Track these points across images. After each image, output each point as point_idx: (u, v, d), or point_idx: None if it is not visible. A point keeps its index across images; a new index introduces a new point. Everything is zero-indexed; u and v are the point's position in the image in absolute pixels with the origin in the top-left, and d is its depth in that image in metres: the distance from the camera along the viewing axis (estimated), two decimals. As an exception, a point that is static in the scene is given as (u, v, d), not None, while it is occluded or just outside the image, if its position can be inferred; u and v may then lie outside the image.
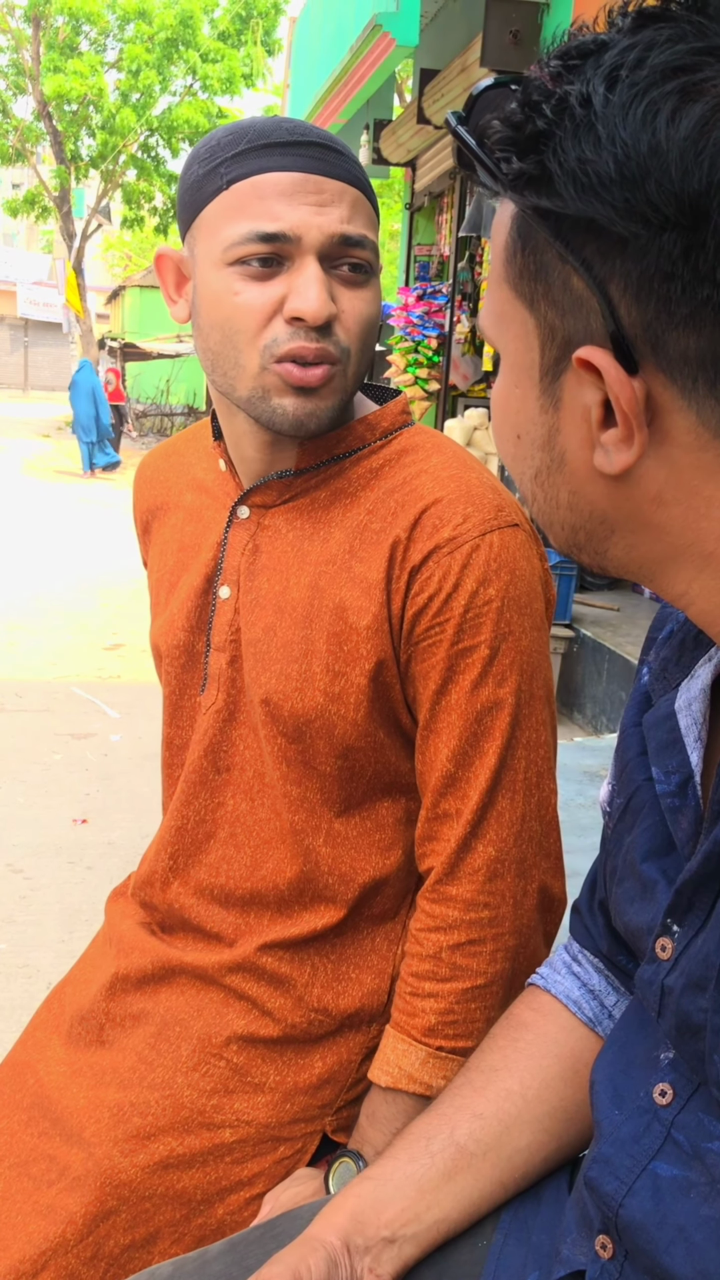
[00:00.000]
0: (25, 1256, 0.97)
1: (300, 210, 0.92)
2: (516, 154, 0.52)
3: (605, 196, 0.49)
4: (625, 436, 0.54)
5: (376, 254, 0.98)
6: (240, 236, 0.92)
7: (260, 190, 0.92)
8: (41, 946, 2.57)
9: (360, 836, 1.06)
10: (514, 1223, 0.78)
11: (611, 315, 0.52)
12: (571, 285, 0.53)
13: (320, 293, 0.92)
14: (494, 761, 0.98)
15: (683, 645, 0.73)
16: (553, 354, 0.56)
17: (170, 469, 1.19)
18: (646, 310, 0.51)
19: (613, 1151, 0.67)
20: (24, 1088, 1.09)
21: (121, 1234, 0.98)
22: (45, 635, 5.69)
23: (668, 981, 0.64)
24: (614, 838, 0.76)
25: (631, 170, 0.48)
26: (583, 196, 0.50)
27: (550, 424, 0.58)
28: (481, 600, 0.96)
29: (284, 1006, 1.06)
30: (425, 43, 6.29)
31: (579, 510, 0.59)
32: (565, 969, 0.87)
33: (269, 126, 0.95)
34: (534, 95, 0.52)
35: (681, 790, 0.67)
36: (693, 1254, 0.61)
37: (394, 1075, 0.98)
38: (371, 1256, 0.75)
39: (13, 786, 3.56)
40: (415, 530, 0.98)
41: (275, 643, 1.03)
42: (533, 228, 0.54)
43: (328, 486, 1.03)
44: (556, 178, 0.50)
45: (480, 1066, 0.84)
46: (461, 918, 0.99)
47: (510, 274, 0.57)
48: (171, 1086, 1.04)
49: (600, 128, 0.49)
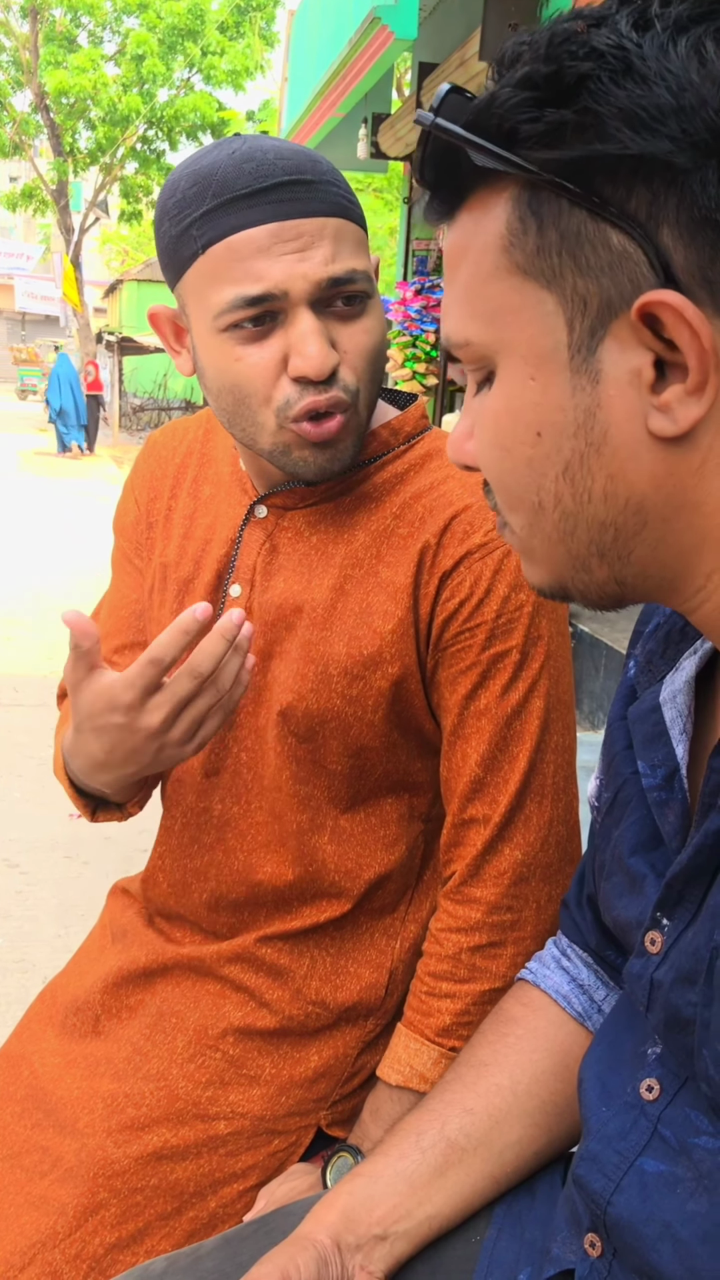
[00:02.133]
0: (16, 1249, 0.97)
1: (282, 263, 0.88)
2: (553, 105, 0.50)
3: (661, 130, 0.49)
4: (697, 385, 0.52)
5: (370, 277, 0.94)
6: (227, 304, 0.89)
7: (236, 252, 0.88)
8: (38, 941, 2.57)
9: (365, 833, 1.06)
10: (508, 1217, 0.78)
11: (663, 264, 0.50)
12: (610, 243, 0.52)
13: (319, 346, 0.89)
14: (524, 766, 0.97)
15: (668, 638, 0.73)
16: (587, 325, 0.53)
17: (186, 454, 1.15)
18: (702, 253, 0.50)
19: (600, 1148, 0.67)
20: (18, 1079, 1.08)
21: (108, 1231, 0.98)
22: (42, 630, 5.68)
23: (657, 975, 0.64)
24: (602, 832, 0.76)
25: (689, 99, 0.48)
26: (641, 134, 0.49)
27: (586, 404, 0.55)
28: (514, 605, 0.96)
29: (282, 998, 1.06)
30: (424, 36, 6.27)
31: (614, 500, 0.56)
32: (554, 963, 0.87)
33: (231, 173, 0.88)
34: (560, 48, 0.50)
35: (668, 783, 0.66)
36: (679, 1251, 0.61)
37: (404, 1074, 0.98)
38: (363, 1254, 0.75)
39: (9, 781, 3.56)
40: (445, 536, 0.97)
41: (294, 642, 1.01)
42: (544, 199, 0.53)
43: (352, 492, 1.02)
44: (607, 120, 0.50)
45: (470, 1061, 0.84)
46: (484, 920, 0.98)
47: (517, 260, 0.55)
48: (166, 1078, 1.04)
49: (643, 66, 0.49)
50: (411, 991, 1.02)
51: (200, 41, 18.83)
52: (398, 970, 1.09)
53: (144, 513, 1.16)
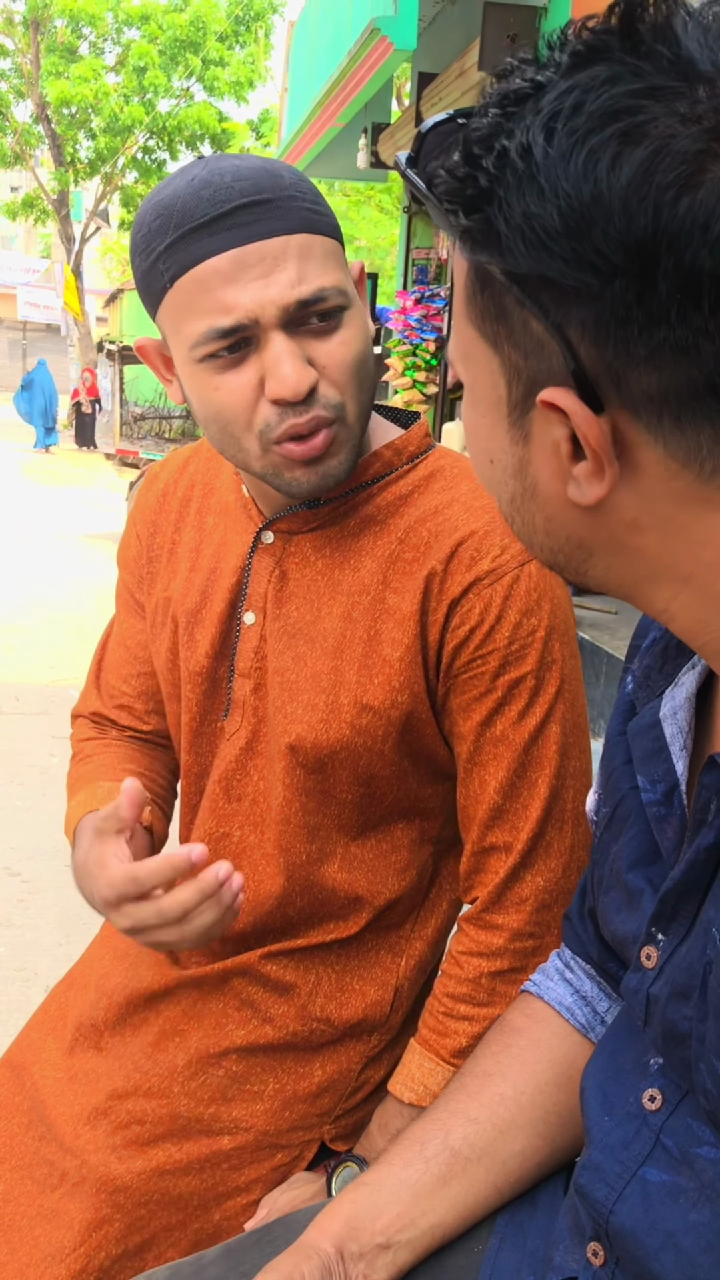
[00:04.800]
0: (30, 1261, 0.97)
1: (250, 291, 0.86)
2: (463, 210, 0.51)
3: (553, 249, 0.48)
4: (596, 470, 0.54)
5: (344, 289, 0.91)
6: (199, 336, 0.89)
7: (202, 283, 0.87)
8: (39, 950, 2.57)
9: (376, 859, 1.05)
10: (509, 1227, 0.78)
11: (572, 358, 0.51)
12: (531, 328, 0.53)
13: (293, 367, 0.88)
14: (545, 793, 0.97)
15: (665, 653, 0.73)
16: (519, 392, 0.56)
17: (189, 485, 1.14)
18: (606, 352, 0.50)
19: (602, 1158, 0.67)
20: (21, 1090, 1.08)
21: (113, 1245, 0.98)
22: (43, 638, 5.68)
23: (653, 990, 0.64)
24: (600, 846, 0.76)
25: (576, 221, 0.47)
26: (531, 252, 0.49)
27: (521, 456, 0.57)
28: (526, 630, 0.95)
29: (286, 1014, 1.06)
30: (423, 46, 6.29)
31: (555, 535, 0.59)
32: (558, 975, 0.87)
33: (190, 202, 0.87)
34: (474, 149, 0.50)
35: (667, 799, 0.67)
36: (682, 1260, 0.61)
37: (418, 1093, 0.98)
38: (366, 1263, 0.75)
39: (10, 789, 3.56)
40: (452, 563, 0.96)
41: (304, 673, 1.01)
42: (489, 272, 0.53)
43: (357, 514, 1.01)
44: (504, 235, 0.50)
45: (474, 1071, 0.84)
46: (506, 946, 0.98)
47: (472, 314, 0.56)
48: (168, 1095, 1.04)
49: (542, 180, 0.48)
50: (427, 1010, 1.01)
51: (201, 52, 18.90)
52: (403, 987, 1.08)
53: (145, 547, 1.15)
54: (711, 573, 0.56)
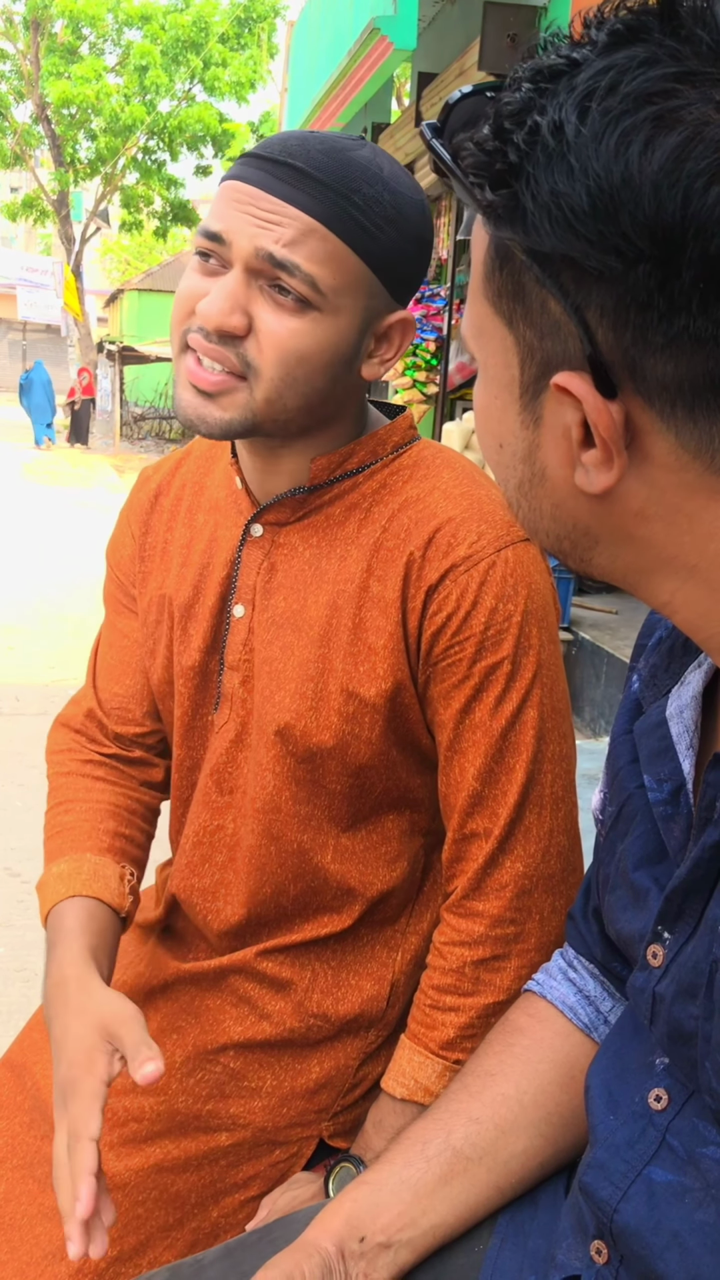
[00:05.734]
0: (31, 1260, 0.97)
1: (241, 219, 0.91)
2: (490, 184, 0.51)
3: (579, 230, 0.48)
4: (605, 459, 0.54)
5: (321, 289, 0.91)
6: (200, 229, 0.95)
7: (224, 193, 0.94)
8: (39, 950, 2.56)
9: (367, 850, 1.06)
10: (510, 1227, 0.78)
11: (589, 341, 0.51)
12: (549, 309, 0.53)
13: (222, 300, 0.91)
14: (522, 778, 0.97)
15: (671, 652, 0.73)
16: (532, 373, 0.55)
17: (181, 485, 1.15)
18: (624, 337, 0.50)
19: (607, 1157, 0.67)
20: (23, 1089, 1.09)
21: (110, 1245, 0.97)
22: (43, 639, 5.68)
23: (659, 989, 0.64)
24: (606, 845, 0.76)
25: (604, 203, 0.47)
26: (556, 231, 0.49)
27: (531, 440, 0.57)
28: (502, 616, 0.95)
29: (283, 1010, 1.06)
30: (423, 46, 6.30)
31: (562, 521, 0.59)
32: (561, 975, 0.87)
33: (272, 141, 0.95)
34: (505, 123, 0.50)
35: (674, 798, 0.67)
36: (687, 1260, 0.61)
37: (409, 1088, 0.97)
38: (366, 1262, 0.75)
39: (10, 790, 3.56)
40: (429, 549, 0.97)
41: (291, 661, 1.01)
42: (510, 249, 0.53)
43: (341, 501, 1.02)
44: (530, 212, 0.50)
45: (476, 1071, 0.84)
46: (487, 933, 0.98)
47: (489, 291, 0.56)
48: (166, 1092, 1.04)
49: (573, 159, 0.48)
50: (415, 1004, 1.02)
51: (202, 53, 18.92)
52: (399, 982, 1.08)
53: (138, 546, 1.16)
54: (717, 565, 0.56)
